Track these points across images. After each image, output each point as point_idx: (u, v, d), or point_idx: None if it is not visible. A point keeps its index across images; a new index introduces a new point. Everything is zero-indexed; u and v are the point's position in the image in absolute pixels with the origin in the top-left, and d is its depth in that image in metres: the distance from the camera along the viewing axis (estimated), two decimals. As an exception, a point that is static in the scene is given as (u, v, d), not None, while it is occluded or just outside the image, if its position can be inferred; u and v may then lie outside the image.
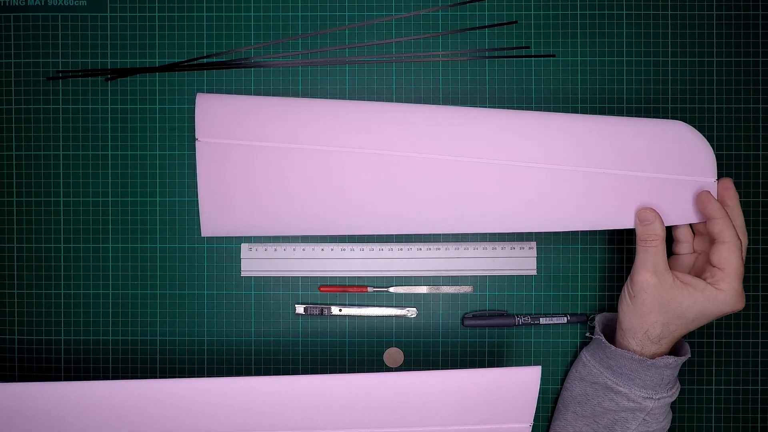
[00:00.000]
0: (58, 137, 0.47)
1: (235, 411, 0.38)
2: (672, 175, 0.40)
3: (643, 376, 0.39)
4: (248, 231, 0.46)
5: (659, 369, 0.39)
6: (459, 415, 0.39)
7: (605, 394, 0.41)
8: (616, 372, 0.41)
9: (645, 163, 0.41)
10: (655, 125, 0.41)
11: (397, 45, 0.47)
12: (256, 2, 0.46)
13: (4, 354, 0.47)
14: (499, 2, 0.46)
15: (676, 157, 0.40)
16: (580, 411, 0.43)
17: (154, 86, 0.47)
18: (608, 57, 0.47)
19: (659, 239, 0.38)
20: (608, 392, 0.41)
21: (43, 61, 0.46)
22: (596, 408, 0.42)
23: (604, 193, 0.41)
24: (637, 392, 0.40)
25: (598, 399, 0.42)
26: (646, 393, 0.39)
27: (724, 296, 0.37)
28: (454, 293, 0.47)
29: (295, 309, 0.47)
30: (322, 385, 0.38)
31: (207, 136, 0.45)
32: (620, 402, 0.40)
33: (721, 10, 0.46)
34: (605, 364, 0.41)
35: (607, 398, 0.41)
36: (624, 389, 0.40)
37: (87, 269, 0.47)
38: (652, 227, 0.38)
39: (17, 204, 0.47)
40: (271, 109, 0.46)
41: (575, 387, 0.44)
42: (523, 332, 0.47)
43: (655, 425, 0.40)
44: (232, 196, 0.45)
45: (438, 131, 0.42)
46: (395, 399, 0.38)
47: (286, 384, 0.38)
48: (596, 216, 0.41)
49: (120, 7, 0.46)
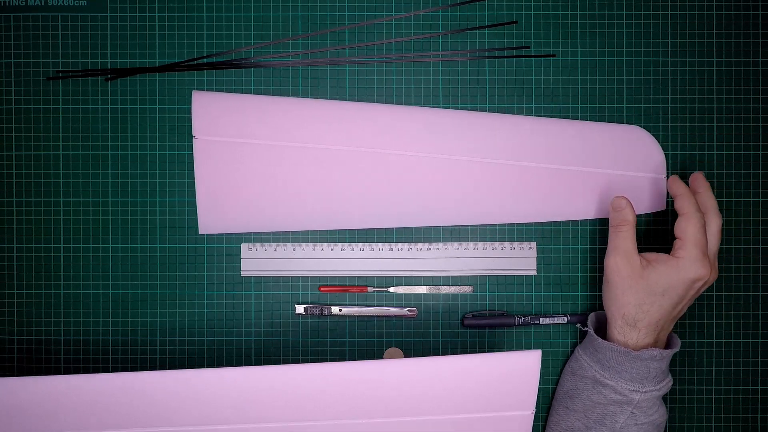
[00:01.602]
0: (58, 137, 0.47)
1: (233, 402, 0.38)
2: (629, 171, 0.46)
3: (629, 369, 0.40)
4: (245, 228, 0.46)
5: (645, 361, 0.39)
6: (460, 402, 0.38)
7: (594, 387, 0.41)
8: (604, 365, 0.41)
9: (608, 160, 0.46)
10: (616, 128, 0.46)
11: (397, 45, 0.47)
12: (256, 2, 0.46)
13: (4, 353, 0.47)
14: (499, 2, 0.46)
15: (633, 156, 0.46)
16: (571, 405, 0.43)
17: (154, 86, 0.47)
18: (608, 57, 0.47)
19: (629, 224, 0.41)
20: (597, 385, 0.41)
21: (43, 61, 0.46)
22: (586, 402, 0.42)
23: (575, 187, 0.46)
24: (623, 385, 0.40)
25: (588, 392, 0.42)
26: (632, 386, 0.40)
27: (683, 263, 0.39)
28: (454, 293, 0.47)
29: (295, 309, 0.47)
30: (321, 373, 0.37)
31: (204, 133, 0.46)
32: (608, 395, 0.41)
33: (721, 10, 0.46)
34: (594, 358, 0.42)
35: (596, 391, 0.41)
36: (611, 382, 0.40)
37: (87, 269, 0.47)
38: (624, 213, 0.41)
39: (17, 204, 0.47)
40: (267, 107, 0.46)
41: (567, 382, 0.45)
42: (523, 332, 0.47)
43: (643, 418, 0.40)
44: (230, 194, 0.45)
45: (426, 131, 0.46)
46: (395, 387, 0.38)
47: (285, 373, 0.37)
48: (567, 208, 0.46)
49: (120, 7, 0.46)
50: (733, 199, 0.47)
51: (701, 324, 0.47)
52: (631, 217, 0.41)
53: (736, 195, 0.47)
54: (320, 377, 0.37)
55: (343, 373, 0.38)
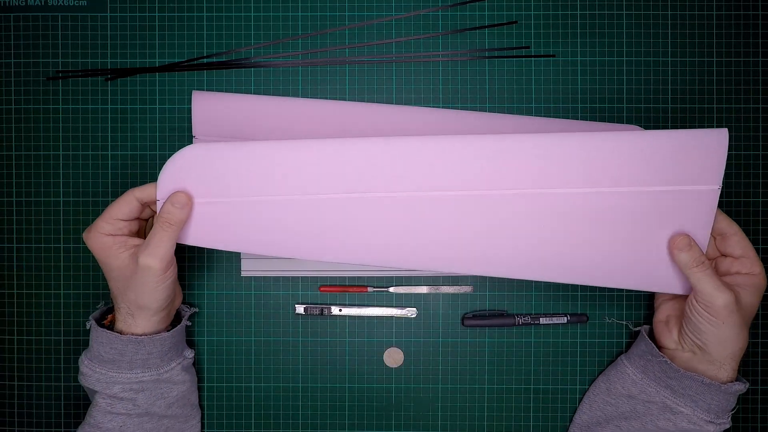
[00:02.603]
0: (58, 137, 0.47)
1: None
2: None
3: (709, 400, 0.39)
4: None
5: (729, 395, 0.39)
6: (645, 175, 0.38)
7: (661, 413, 0.40)
8: (678, 392, 0.40)
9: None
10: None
11: (397, 45, 0.47)
12: (256, 2, 0.46)
13: (3, 354, 0.47)
14: (499, 2, 0.46)
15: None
16: (626, 426, 0.42)
17: (153, 86, 0.47)
18: (608, 57, 0.47)
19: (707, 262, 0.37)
20: (666, 412, 0.40)
21: (43, 61, 0.46)
22: (647, 425, 0.41)
23: None
24: (700, 415, 0.39)
25: (651, 417, 0.41)
26: (709, 416, 0.39)
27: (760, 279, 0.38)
28: (454, 293, 0.47)
29: (295, 309, 0.47)
30: (509, 143, 0.38)
31: (204, 133, 0.45)
32: (679, 423, 0.39)
33: (721, 10, 0.46)
34: (664, 383, 0.40)
35: (664, 417, 0.40)
36: (686, 410, 0.39)
37: (87, 269, 0.47)
38: (694, 252, 0.37)
39: (17, 204, 0.47)
40: (267, 107, 0.46)
41: (622, 404, 0.43)
42: (523, 332, 0.47)
43: None
44: None
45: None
46: (580, 158, 0.38)
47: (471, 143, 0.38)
48: None
49: (120, 7, 0.46)
50: (733, 199, 0.47)
51: (701, 324, 0.47)
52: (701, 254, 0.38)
53: (736, 195, 0.47)
54: (507, 146, 0.38)
55: (531, 143, 0.37)
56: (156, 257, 0.36)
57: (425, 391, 0.47)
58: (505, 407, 0.47)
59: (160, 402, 0.41)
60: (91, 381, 0.39)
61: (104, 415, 0.39)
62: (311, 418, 0.47)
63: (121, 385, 0.39)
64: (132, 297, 0.38)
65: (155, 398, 0.40)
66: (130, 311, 0.39)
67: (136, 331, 0.39)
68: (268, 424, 0.47)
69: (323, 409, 0.47)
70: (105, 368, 0.39)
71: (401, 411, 0.47)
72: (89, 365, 0.39)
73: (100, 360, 0.39)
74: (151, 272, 0.36)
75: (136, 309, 0.38)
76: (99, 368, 0.39)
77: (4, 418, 0.47)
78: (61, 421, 0.47)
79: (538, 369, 0.47)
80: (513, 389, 0.47)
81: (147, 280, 0.37)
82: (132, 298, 0.38)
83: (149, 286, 0.37)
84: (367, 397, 0.47)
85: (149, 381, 0.40)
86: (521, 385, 0.47)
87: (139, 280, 0.37)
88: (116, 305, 0.39)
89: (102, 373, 0.39)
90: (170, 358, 0.41)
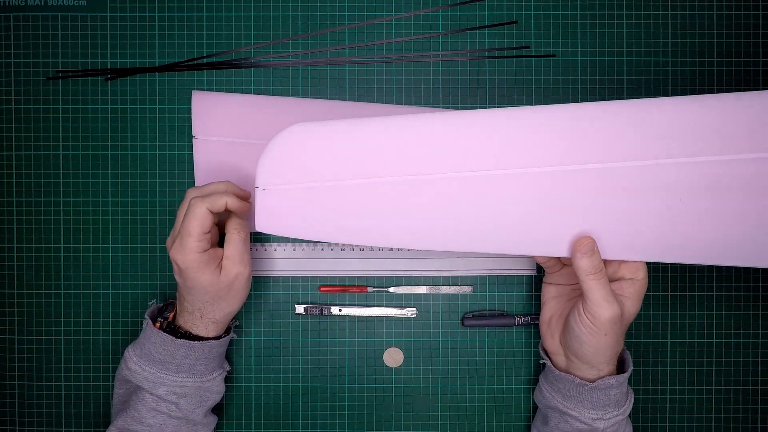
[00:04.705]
0: (58, 137, 0.47)
1: None
2: None
3: (590, 398, 0.39)
4: None
5: (603, 390, 0.38)
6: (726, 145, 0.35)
7: (561, 417, 0.41)
8: (565, 395, 0.40)
9: None
10: None
11: (397, 45, 0.47)
12: (256, 2, 0.46)
13: (4, 354, 0.47)
14: (499, 2, 0.46)
15: None
16: (545, 431, 0.43)
17: (153, 86, 0.47)
18: (608, 57, 0.47)
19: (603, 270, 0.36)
20: (563, 416, 0.40)
21: (43, 61, 0.46)
22: (554, 430, 0.41)
23: None
24: (587, 414, 0.39)
25: (555, 421, 0.41)
26: (596, 414, 0.39)
27: (643, 284, 0.38)
28: (454, 293, 0.47)
29: (295, 309, 0.47)
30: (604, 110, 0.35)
31: (204, 133, 0.46)
32: (573, 424, 0.40)
33: (721, 10, 0.46)
34: (555, 387, 0.41)
35: (563, 421, 0.40)
36: (574, 412, 0.39)
37: (87, 269, 0.47)
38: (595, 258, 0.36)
39: (17, 204, 0.47)
40: (267, 107, 0.46)
41: (543, 411, 0.44)
42: (523, 332, 0.47)
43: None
44: None
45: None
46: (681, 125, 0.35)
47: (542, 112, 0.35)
48: None
49: (120, 7, 0.46)
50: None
51: (701, 324, 0.47)
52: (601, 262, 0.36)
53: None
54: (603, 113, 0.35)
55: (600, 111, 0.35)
56: (243, 264, 0.39)
57: (425, 391, 0.47)
58: (505, 407, 0.47)
59: (199, 410, 0.42)
60: (138, 378, 0.40)
61: (149, 411, 0.40)
62: (311, 418, 0.47)
63: (166, 387, 0.40)
64: (224, 306, 0.40)
65: (195, 405, 0.41)
66: (202, 316, 0.40)
67: (199, 332, 0.40)
68: (268, 424, 0.47)
69: (323, 409, 0.47)
70: (155, 368, 0.40)
71: (401, 411, 0.47)
72: (138, 362, 0.40)
73: (150, 359, 0.40)
74: (242, 278, 0.39)
75: (222, 317, 0.40)
76: (149, 367, 0.40)
77: (4, 418, 0.47)
78: (62, 421, 0.47)
79: (537, 369, 0.47)
80: (513, 389, 0.47)
81: (241, 286, 0.39)
82: (223, 307, 0.40)
83: (244, 291, 0.40)
84: (367, 397, 0.47)
85: (192, 387, 0.40)
86: (521, 385, 0.47)
87: (235, 288, 0.39)
88: (181, 307, 0.40)
89: (151, 372, 0.39)
90: (213, 367, 0.42)
